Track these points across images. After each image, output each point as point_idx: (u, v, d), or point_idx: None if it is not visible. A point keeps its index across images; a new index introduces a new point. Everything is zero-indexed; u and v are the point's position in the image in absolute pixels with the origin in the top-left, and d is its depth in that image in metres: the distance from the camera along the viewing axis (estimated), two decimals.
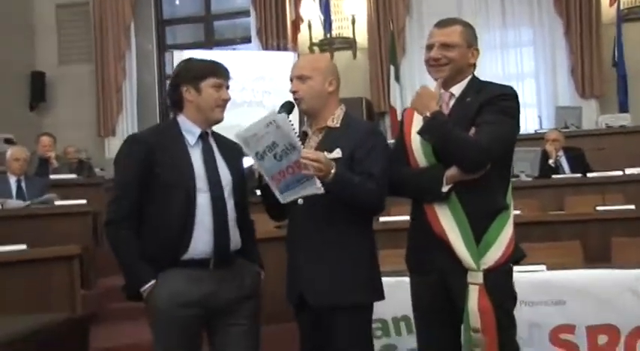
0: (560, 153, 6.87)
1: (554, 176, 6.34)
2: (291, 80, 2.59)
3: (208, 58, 2.60)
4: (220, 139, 2.62)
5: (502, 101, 2.40)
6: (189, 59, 2.60)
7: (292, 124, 2.32)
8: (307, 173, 2.33)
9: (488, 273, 2.35)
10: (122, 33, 10.14)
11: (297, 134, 2.34)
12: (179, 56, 8.72)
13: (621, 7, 8.85)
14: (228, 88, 2.55)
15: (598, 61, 8.90)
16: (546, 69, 9.28)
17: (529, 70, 9.40)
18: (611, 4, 8.87)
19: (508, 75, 9.22)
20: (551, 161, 6.73)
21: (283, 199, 2.44)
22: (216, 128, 2.62)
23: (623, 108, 8.70)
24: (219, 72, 2.52)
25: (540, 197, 5.69)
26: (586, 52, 8.91)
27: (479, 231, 2.37)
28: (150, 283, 2.39)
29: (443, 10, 9.04)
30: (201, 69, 2.51)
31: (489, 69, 9.05)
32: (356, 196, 2.43)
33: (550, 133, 7.07)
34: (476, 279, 2.34)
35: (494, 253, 2.37)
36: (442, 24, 2.53)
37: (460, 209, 2.38)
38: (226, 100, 2.53)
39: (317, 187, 2.36)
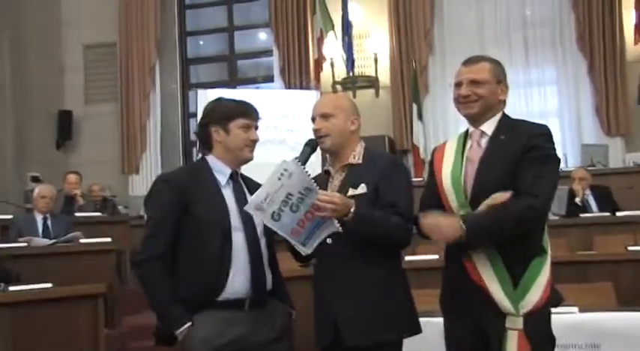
0: (587, 191, 6.80)
1: (581, 215, 6.26)
2: (313, 119, 2.60)
3: (238, 98, 2.61)
4: (247, 180, 2.64)
5: (544, 143, 2.38)
6: (219, 99, 2.62)
7: (303, 166, 2.31)
8: (323, 215, 2.32)
9: (527, 317, 2.30)
10: (147, 72, 10.28)
11: (309, 174, 2.33)
12: (203, 95, 8.84)
13: None
14: (257, 128, 2.56)
15: (623, 98, 8.85)
16: (570, 107, 9.25)
17: (553, 108, 9.39)
18: (635, 42, 8.85)
19: (531, 113, 9.17)
20: (578, 200, 6.67)
21: (307, 249, 2.41)
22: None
23: None
24: (248, 113, 2.53)
25: (568, 237, 5.59)
26: (611, 90, 8.88)
27: (517, 275, 2.34)
28: (186, 326, 2.35)
29: (465, 49, 9.11)
30: (231, 109, 2.53)
31: (512, 107, 8.99)
32: (379, 232, 2.42)
33: (577, 172, 7.01)
34: (515, 324, 2.29)
35: (533, 297, 2.33)
36: (470, 61, 2.53)
37: (497, 256, 2.34)
38: (255, 141, 2.54)
39: (336, 227, 2.35)
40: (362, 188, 2.46)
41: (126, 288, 6.00)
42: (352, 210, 2.35)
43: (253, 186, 2.59)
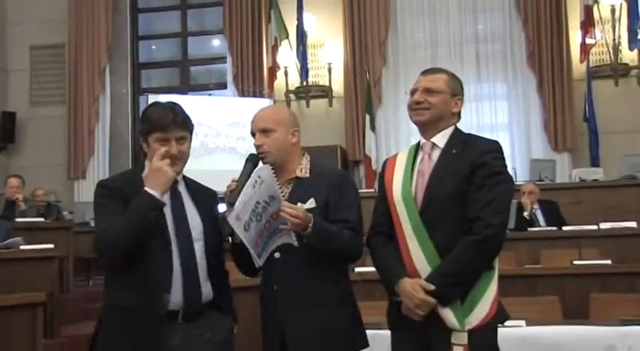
0: (536, 206, 6.91)
1: (530, 229, 6.36)
2: (253, 134, 2.56)
3: (169, 104, 2.46)
4: (193, 185, 2.56)
5: (494, 160, 2.39)
6: (151, 106, 2.50)
7: (273, 170, 2.30)
8: (284, 228, 2.32)
9: (473, 333, 2.29)
10: (97, 76, 10.10)
11: (277, 181, 2.32)
12: (154, 100, 8.70)
13: (590, 65, 9.07)
14: (182, 139, 2.42)
15: (570, 115, 9.06)
16: (520, 122, 9.44)
17: (503, 122, 9.55)
18: (581, 61, 9.08)
19: (482, 126, 9.33)
20: (526, 214, 6.77)
21: (260, 260, 2.39)
22: (189, 175, 2.56)
23: (595, 162, 8.83)
24: (163, 125, 2.38)
25: (516, 250, 5.67)
26: (558, 107, 9.08)
27: (465, 290, 2.32)
28: None
29: (419, 62, 9.24)
30: (149, 121, 2.41)
31: (464, 120, 8.99)
32: (335, 246, 2.42)
33: (526, 186, 7.12)
34: (460, 340, 2.28)
35: (479, 313, 2.32)
36: (429, 72, 2.55)
37: None
38: (174, 156, 2.39)
39: (292, 240, 2.34)
40: (311, 203, 2.44)
41: (67, 297, 5.83)
42: (311, 224, 2.34)
43: (199, 189, 2.54)
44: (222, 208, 2.50)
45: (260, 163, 2.52)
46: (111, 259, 2.37)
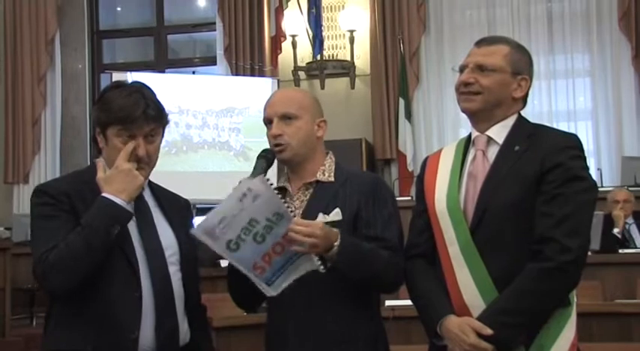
0: (630, 220, 6.87)
1: (621, 251, 6.31)
2: (268, 121, 2.60)
3: (136, 87, 2.47)
4: (161, 193, 2.58)
5: (572, 160, 2.38)
6: (114, 88, 2.50)
7: (272, 185, 2.32)
8: (299, 250, 2.33)
9: None
10: (43, 47, 10.14)
11: (280, 195, 2.35)
12: (119, 79, 8.73)
13: None
14: (153, 135, 2.44)
15: None
16: (607, 107, 9.37)
17: (584, 107, 9.51)
18: None
19: (556, 114, 9.32)
20: (617, 231, 6.71)
21: (273, 290, 2.41)
22: (163, 177, 2.56)
23: None
24: (131, 118, 2.38)
25: (603, 279, 5.64)
26: None
27: (531, 332, 2.33)
28: None
29: (470, 28, 9.21)
30: (110, 110, 2.40)
31: (532, 106, 9.10)
32: (370, 271, 2.43)
33: (616, 193, 7.09)
34: None
35: None
36: (484, 41, 2.57)
37: None
38: (141, 159, 2.41)
39: (315, 265, 2.35)
40: (336, 214, 2.46)
41: (3, 342, 5.85)
42: (337, 243, 2.35)
43: (169, 199, 2.57)
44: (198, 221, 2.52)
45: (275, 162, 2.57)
46: (56, 289, 2.36)
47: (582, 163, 2.42)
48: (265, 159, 2.53)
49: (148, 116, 2.39)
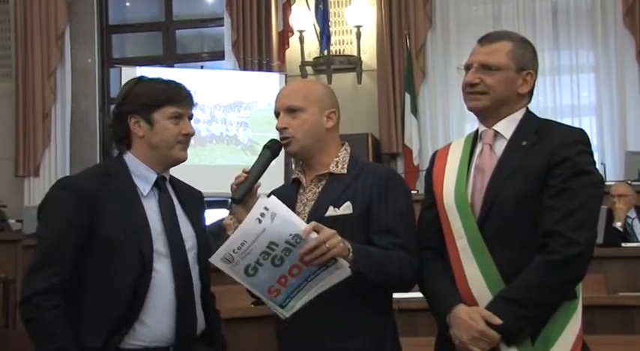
0: (632, 213, 6.85)
1: (624, 245, 6.31)
2: (277, 114, 2.59)
3: (166, 78, 2.57)
4: (179, 185, 2.60)
5: (578, 155, 2.39)
6: (140, 79, 2.58)
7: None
8: (323, 260, 2.29)
9: None
10: (53, 42, 10.12)
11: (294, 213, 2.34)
12: (129, 74, 8.74)
13: None
14: (191, 118, 2.53)
15: None
16: (612, 102, 9.33)
17: (589, 102, 9.48)
18: None
19: (561, 109, 9.28)
20: (618, 224, 6.71)
21: (287, 312, 2.39)
22: (171, 171, 2.60)
23: None
24: (179, 98, 2.49)
25: (607, 272, 5.63)
26: None
27: (537, 324, 2.34)
28: None
29: (476, 23, 9.19)
30: (155, 93, 2.48)
31: (537, 102, 9.10)
32: (384, 274, 2.43)
33: (617, 187, 7.08)
34: None
35: None
36: (486, 39, 2.55)
37: None
38: (189, 135, 2.51)
39: (346, 271, 2.31)
40: (347, 208, 2.48)
41: (14, 333, 5.88)
42: (350, 256, 2.34)
43: (186, 191, 2.58)
44: (213, 214, 2.53)
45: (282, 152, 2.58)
46: None
47: (589, 158, 2.43)
48: (270, 150, 2.55)
49: (191, 98, 2.51)
